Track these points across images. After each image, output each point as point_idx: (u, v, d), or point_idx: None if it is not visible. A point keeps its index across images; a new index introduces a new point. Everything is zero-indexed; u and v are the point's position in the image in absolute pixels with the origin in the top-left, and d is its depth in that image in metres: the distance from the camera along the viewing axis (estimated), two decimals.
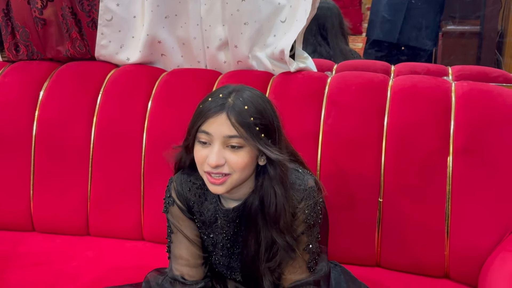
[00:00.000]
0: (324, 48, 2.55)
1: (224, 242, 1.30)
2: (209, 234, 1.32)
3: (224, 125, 1.16)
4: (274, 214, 1.21)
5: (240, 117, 1.15)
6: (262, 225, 1.24)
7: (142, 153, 1.73)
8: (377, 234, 1.58)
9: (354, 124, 1.60)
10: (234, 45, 1.79)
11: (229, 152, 1.17)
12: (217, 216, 1.29)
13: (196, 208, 1.30)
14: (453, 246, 1.52)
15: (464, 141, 1.52)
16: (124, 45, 1.89)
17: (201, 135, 1.18)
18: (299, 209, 1.23)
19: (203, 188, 1.30)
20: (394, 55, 3.21)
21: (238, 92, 1.20)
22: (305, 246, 1.25)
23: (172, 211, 1.32)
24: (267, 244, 1.24)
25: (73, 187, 1.77)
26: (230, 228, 1.29)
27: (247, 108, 1.17)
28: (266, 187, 1.22)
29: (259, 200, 1.23)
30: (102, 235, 1.77)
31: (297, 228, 1.24)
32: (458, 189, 1.51)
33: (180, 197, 1.31)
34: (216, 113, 1.16)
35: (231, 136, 1.16)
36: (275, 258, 1.25)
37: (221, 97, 1.18)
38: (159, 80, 1.81)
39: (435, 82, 1.64)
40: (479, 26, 3.24)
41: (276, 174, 1.21)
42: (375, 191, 1.57)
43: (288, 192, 1.22)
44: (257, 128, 1.16)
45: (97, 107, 1.78)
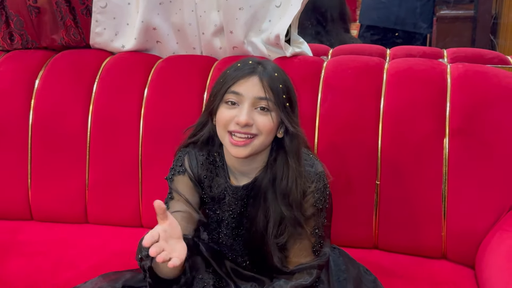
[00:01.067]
0: (324, 37, 2.54)
1: (230, 220, 1.31)
2: (215, 211, 1.32)
3: (256, 86, 1.19)
4: (285, 188, 1.23)
5: (272, 82, 1.20)
6: (271, 201, 1.25)
7: (139, 140, 1.73)
8: (374, 216, 1.59)
9: (351, 108, 1.60)
10: (230, 31, 1.78)
11: (258, 114, 1.20)
12: (225, 192, 1.30)
13: (206, 183, 1.31)
14: (450, 227, 1.53)
15: (460, 123, 1.53)
16: (119, 33, 1.88)
17: (230, 95, 1.20)
18: (310, 191, 1.25)
19: (215, 163, 1.31)
20: (389, 39, 3.20)
21: (265, 62, 1.24)
22: (312, 230, 1.27)
23: (179, 179, 1.30)
24: (276, 220, 1.25)
25: (71, 175, 1.77)
26: (237, 206, 1.30)
27: (277, 75, 1.21)
28: (280, 161, 1.24)
29: (271, 175, 1.25)
30: (101, 223, 1.78)
31: (306, 210, 1.25)
32: (455, 170, 1.52)
33: (194, 168, 1.31)
34: (248, 75, 1.20)
35: (261, 98, 1.19)
36: (284, 235, 1.25)
37: (250, 64, 1.22)
38: (155, 67, 1.80)
39: (430, 64, 1.65)
40: (473, 10, 3.24)
41: (293, 146, 1.24)
42: (372, 174, 1.58)
43: (300, 168, 1.24)
44: (284, 96, 1.20)
45: (93, 95, 1.77)
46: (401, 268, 1.53)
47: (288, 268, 1.27)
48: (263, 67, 1.22)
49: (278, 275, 1.28)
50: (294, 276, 1.26)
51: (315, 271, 1.26)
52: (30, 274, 1.55)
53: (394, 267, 1.54)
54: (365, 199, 1.59)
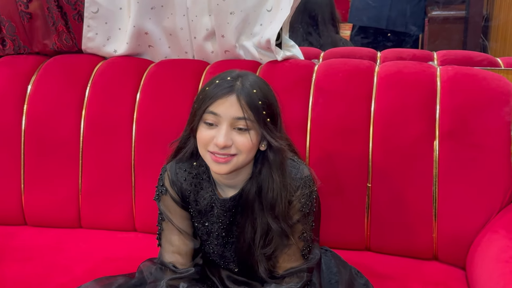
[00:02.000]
0: (314, 37, 2.56)
1: (220, 231, 1.31)
2: (204, 223, 1.32)
3: (233, 107, 1.17)
4: (271, 200, 1.23)
5: (250, 100, 1.17)
6: (258, 212, 1.25)
7: (132, 144, 1.73)
8: (366, 218, 1.60)
9: (342, 111, 1.61)
10: (221, 35, 1.79)
11: (236, 134, 1.18)
12: (213, 205, 1.30)
13: (192, 198, 1.31)
14: (441, 229, 1.55)
15: (449, 125, 1.54)
16: (111, 37, 1.88)
17: (208, 116, 1.19)
18: (295, 197, 1.25)
19: (198, 177, 1.31)
20: (380, 41, 3.21)
21: (245, 76, 1.21)
22: (300, 234, 1.27)
23: (164, 200, 1.32)
24: (263, 231, 1.25)
25: (64, 180, 1.77)
26: (226, 217, 1.30)
27: (256, 92, 1.18)
28: (265, 173, 1.24)
29: (257, 187, 1.25)
30: (94, 227, 1.78)
31: (292, 216, 1.25)
32: (445, 173, 1.53)
33: (174, 186, 1.31)
34: (226, 95, 1.17)
35: (240, 118, 1.17)
36: (270, 245, 1.26)
37: (229, 80, 1.19)
38: (147, 72, 1.81)
39: (420, 67, 1.66)
40: (464, 11, 3.26)
41: (276, 160, 1.23)
42: (363, 177, 1.59)
43: (285, 180, 1.24)
44: (264, 113, 1.18)
45: (86, 100, 1.77)
46: (392, 270, 1.55)
47: (278, 273, 1.28)
48: (242, 83, 1.19)
49: (269, 279, 1.28)
50: (285, 280, 1.27)
51: (305, 274, 1.27)
52: (24, 279, 1.55)
53: (386, 269, 1.55)
54: (357, 202, 1.60)
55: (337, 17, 2.73)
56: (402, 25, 3.31)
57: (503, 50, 2.96)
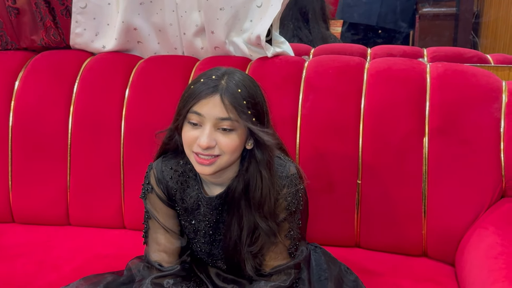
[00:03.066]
0: (303, 33, 2.56)
1: (206, 229, 1.31)
2: (190, 221, 1.32)
3: (217, 107, 1.16)
4: (259, 199, 1.23)
5: (234, 100, 1.16)
6: (245, 210, 1.25)
7: (121, 141, 1.73)
8: (356, 215, 1.60)
9: (332, 107, 1.62)
10: (211, 31, 1.78)
11: (220, 135, 1.18)
12: (199, 203, 1.30)
13: (178, 196, 1.31)
14: (431, 225, 1.55)
15: (439, 122, 1.55)
16: (99, 33, 1.87)
17: (192, 116, 1.18)
18: (281, 196, 1.24)
19: (184, 175, 1.30)
20: (370, 38, 3.21)
21: (231, 74, 1.20)
22: (287, 233, 1.27)
23: (150, 198, 1.32)
24: (249, 229, 1.25)
25: (52, 177, 1.76)
26: (212, 215, 1.30)
27: (241, 91, 1.17)
28: (253, 172, 1.23)
29: (243, 185, 1.24)
30: (83, 225, 1.77)
31: (279, 214, 1.25)
32: (434, 169, 1.54)
33: (160, 184, 1.31)
34: (210, 95, 1.16)
35: (223, 118, 1.16)
36: (257, 243, 1.26)
37: (214, 79, 1.18)
38: (136, 68, 1.80)
39: (410, 64, 1.66)
40: (455, 8, 3.26)
41: (264, 158, 1.22)
42: (353, 173, 1.59)
43: (273, 178, 1.23)
44: (249, 112, 1.17)
45: (74, 96, 1.76)
46: (382, 266, 1.55)
47: (265, 271, 1.28)
48: (226, 83, 1.17)
49: (257, 277, 1.28)
50: (272, 278, 1.27)
51: (293, 271, 1.27)
52: (13, 277, 1.54)
53: (375, 266, 1.55)
54: (347, 198, 1.60)
55: (327, 13, 2.74)
56: (393, 22, 3.31)
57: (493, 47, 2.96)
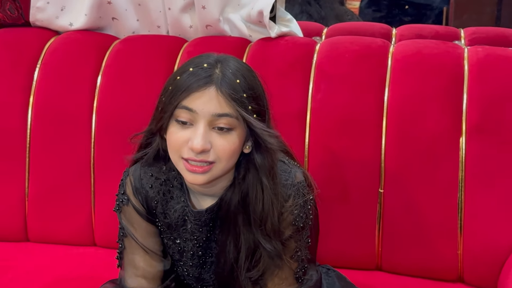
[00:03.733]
0: (314, 8, 2.56)
1: (195, 250, 1.31)
2: (175, 240, 1.32)
3: (213, 101, 1.15)
4: (261, 214, 1.22)
5: (233, 92, 1.15)
6: (243, 227, 1.24)
7: (92, 139, 1.73)
8: (377, 231, 1.61)
9: (349, 100, 1.62)
10: (202, 6, 1.79)
11: (216, 135, 1.17)
12: (185, 218, 1.29)
13: (159, 209, 1.30)
14: (468, 244, 1.56)
15: (479, 118, 1.55)
16: (65, 7, 1.87)
17: (182, 112, 1.16)
18: (286, 208, 1.24)
19: (167, 184, 1.30)
20: (395, 16, 3.22)
21: (225, 61, 1.19)
22: (293, 253, 1.26)
23: (125, 211, 1.31)
24: (249, 250, 1.25)
25: (7, 183, 1.76)
26: (202, 233, 1.29)
27: (239, 82, 1.17)
28: (251, 180, 1.22)
29: (240, 196, 1.24)
30: (44, 241, 1.77)
31: (284, 231, 1.25)
32: (473, 176, 1.54)
33: (138, 195, 1.30)
34: (203, 86, 1.15)
35: (221, 114, 1.15)
36: (258, 266, 1.25)
37: (206, 67, 1.17)
38: (110, 50, 1.80)
39: (444, 47, 1.67)
40: None
41: (265, 163, 1.21)
42: (374, 181, 1.59)
43: (277, 187, 1.23)
44: (250, 107, 1.17)
45: (34, 84, 1.77)
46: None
47: None
48: (222, 72, 1.17)
49: None
50: None
51: None
52: None
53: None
54: (366, 211, 1.60)
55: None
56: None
57: None
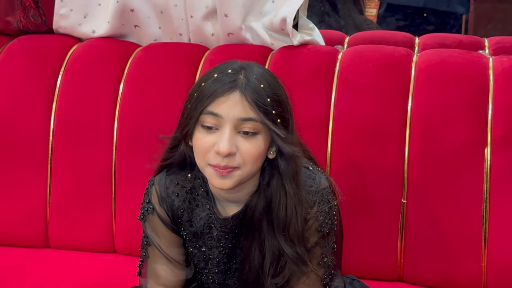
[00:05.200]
0: (333, 18, 2.55)
1: (221, 257, 1.31)
2: (200, 248, 1.32)
3: (238, 106, 1.17)
4: (284, 219, 1.23)
5: (257, 97, 1.17)
6: (267, 233, 1.25)
7: (113, 146, 1.74)
8: (400, 242, 1.60)
9: (371, 109, 1.62)
10: (224, 14, 1.79)
11: (242, 139, 1.18)
12: (211, 225, 1.30)
13: (185, 217, 1.31)
14: (492, 256, 1.55)
15: (504, 129, 1.54)
16: (88, 15, 1.89)
17: (207, 118, 1.18)
18: (311, 215, 1.25)
19: (193, 192, 1.31)
20: (418, 24, 3.21)
21: (248, 68, 1.22)
22: (320, 260, 1.27)
23: (150, 220, 1.32)
24: (273, 256, 1.25)
25: (29, 189, 1.77)
26: (228, 240, 1.30)
27: (263, 87, 1.19)
28: (275, 186, 1.24)
29: (265, 202, 1.25)
30: (65, 247, 1.78)
31: (309, 237, 1.25)
32: (498, 187, 1.53)
33: (164, 204, 1.31)
34: (227, 91, 1.17)
35: (246, 119, 1.17)
36: (283, 273, 1.26)
37: (230, 73, 1.20)
38: (132, 57, 1.81)
39: (468, 57, 1.66)
40: None
41: (288, 170, 1.23)
42: (397, 190, 1.59)
43: (300, 193, 1.24)
44: (274, 112, 1.19)
45: (57, 91, 1.78)
46: None
47: None
48: (246, 77, 1.19)
49: None
50: None
51: None
52: None
53: None
54: (388, 221, 1.60)
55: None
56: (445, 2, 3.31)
57: None
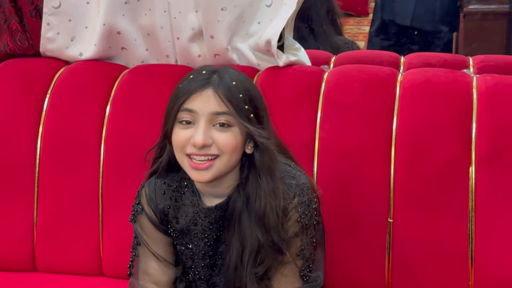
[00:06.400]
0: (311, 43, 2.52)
1: (206, 250, 1.35)
2: (187, 244, 1.37)
3: (211, 100, 1.25)
4: (258, 210, 1.28)
5: (229, 93, 1.26)
6: (246, 225, 1.30)
7: (100, 168, 1.73)
8: (387, 261, 1.60)
9: (357, 129, 1.62)
10: (210, 35, 1.80)
11: (217, 131, 1.26)
12: (197, 219, 1.35)
13: (171, 214, 1.37)
14: (479, 276, 1.54)
15: (489, 147, 1.55)
16: (75, 38, 1.89)
17: (183, 114, 1.27)
18: (292, 207, 1.30)
19: (179, 190, 1.37)
20: (403, 44, 3.23)
21: (223, 69, 1.31)
22: (299, 251, 1.30)
23: (140, 220, 1.39)
24: (252, 247, 1.29)
25: (16, 212, 1.76)
26: (212, 231, 1.34)
27: (235, 84, 1.27)
28: (251, 179, 1.29)
29: (244, 196, 1.30)
30: (53, 271, 1.77)
31: (289, 229, 1.29)
32: (483, 206, 1.54)
33: (152, 204, 1.38)
34: (201, 88, 1.26)
35: (219, 112, 1.25)
36: (263, 264, 1.29)
37: (204, 73, 1.29)
38: (119, 80, 1.81)
39: (453, 76, 1.67)
40: (508, 5, 3.27)
41: (263, 162, 1.29)
42: (383, 210, 1.59)
43: (276, 185, 1.28)
44: (246, 107, 1.26)
45: (44, 114, 1.78)
46: None
47: None
48: (219, 76, 1.27)
49: None
50: None
51: None
52: None
53: None
54: (375, 241, 1.59)
55: (337, 14, 2.69)
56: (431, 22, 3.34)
57: None
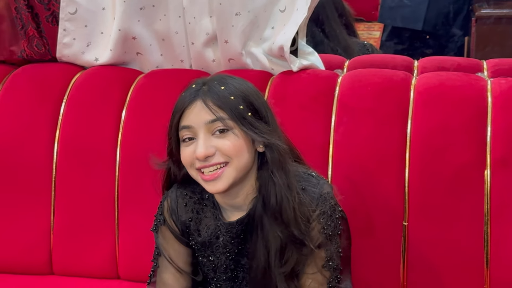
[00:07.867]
0: (326, 46, 2.51)
1: (228, 263, 1.35)
2: (209, 257, 1.37)
3: (202, 112, 1.27)
4: (275, 206, 1.28)
5: (218, 98, 1.27)
6: (268, 226, 1.29)
7: (116, 173, 1.74)
8: (402, 265, 1.59)
9: (371, 133, 1.62)
10: (224, 40, 1.80)
11: (217, 139, 1.27)
12: (218, 233, 1.35)
13: (193, 227, 1.37)
14: (495, 278, 1.54)
15: (504, 151, 1.54)
16: (91, 43, 1.90)
17: (183, 132, 1.28)
18: (314, 218, 1.29)
19: (201, 202, 1.37)
20: (417, 48, 3.22)
21: (213, 78, 1.33)
22: (325, 262, 1.30)
23: (161, 231, 1.39)
24: (277, 246, 1.29)
25: (33, 216, 1.77)
26: (233, 245, 1.34)
27: (224, 88, 1.28)
28: (266, 177, 1.30)
29: (262, 199, 1.30)
30: (69, 274, 1.78)
31: (313, 240, 1.29)
32: (499, 209, 1.53)
33: (174, 215, 1.38)
34: (191, 102, 1.28)
35: (212, 120, 1.26)
36: (289, 261, 1.29)
37: (193, 87, 1.30)
38: (135, 84, 1.82)
39: (467, 79, 1.66)
40: None
41: (274, 158, 1.29)
42: (398, 213, 1.58)
43: (289, 180, 1.29)
44: (241, 107, 1.27)
45: (60, 119, 1.79)
46: None
47: None
48: (208, 86, 1.29)
49: None
50: None
51: None
52: None
53: None
54: (390, 244, 1.59)
55: (348, 13, 2.67)
56: (443, 26, 3.33)
57: None
